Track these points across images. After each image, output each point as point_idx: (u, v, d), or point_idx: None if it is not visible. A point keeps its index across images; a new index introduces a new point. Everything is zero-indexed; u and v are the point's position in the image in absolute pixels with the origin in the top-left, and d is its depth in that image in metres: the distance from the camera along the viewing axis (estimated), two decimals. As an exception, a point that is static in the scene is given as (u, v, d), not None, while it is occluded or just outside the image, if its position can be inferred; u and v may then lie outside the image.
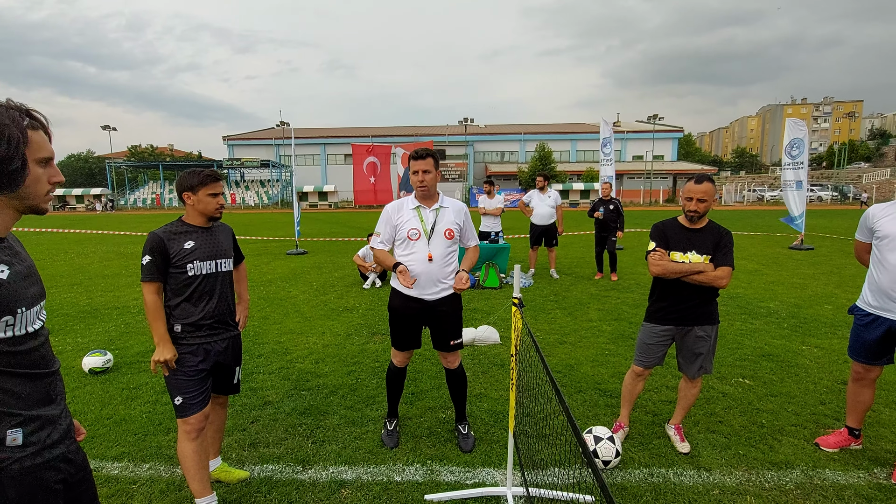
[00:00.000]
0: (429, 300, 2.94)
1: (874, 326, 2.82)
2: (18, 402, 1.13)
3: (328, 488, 2.65)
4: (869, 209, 2.95)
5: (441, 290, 2.96)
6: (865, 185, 51.90)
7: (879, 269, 2.81)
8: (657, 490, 2.62)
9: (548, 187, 8.52)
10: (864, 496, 2.55)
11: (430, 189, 2.94)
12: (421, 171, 2.89)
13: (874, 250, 2.88)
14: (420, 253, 2.91)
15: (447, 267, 2.97)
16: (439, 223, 2.95)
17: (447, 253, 2.95)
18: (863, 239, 2.99)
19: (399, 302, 2.99)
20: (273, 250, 13.36)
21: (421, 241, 2.92)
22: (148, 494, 2.60)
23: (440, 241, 2.93)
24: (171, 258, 2.28)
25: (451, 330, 3.02)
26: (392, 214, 2.99)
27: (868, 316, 2.87)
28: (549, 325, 5.71)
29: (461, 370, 3.13)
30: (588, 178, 49.73)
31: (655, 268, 2.88)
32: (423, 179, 2.89)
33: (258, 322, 5.99)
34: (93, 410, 3.59)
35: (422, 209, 2.97)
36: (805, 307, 6.42)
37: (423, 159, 2.89)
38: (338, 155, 58.17)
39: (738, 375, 4.16)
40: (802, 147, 12.42)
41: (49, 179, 1.19)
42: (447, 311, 2.99)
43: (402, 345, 3.06)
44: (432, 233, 2.93)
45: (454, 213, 3.01)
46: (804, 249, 12.08)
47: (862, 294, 2.96)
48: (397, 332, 3.05)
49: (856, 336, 2.95)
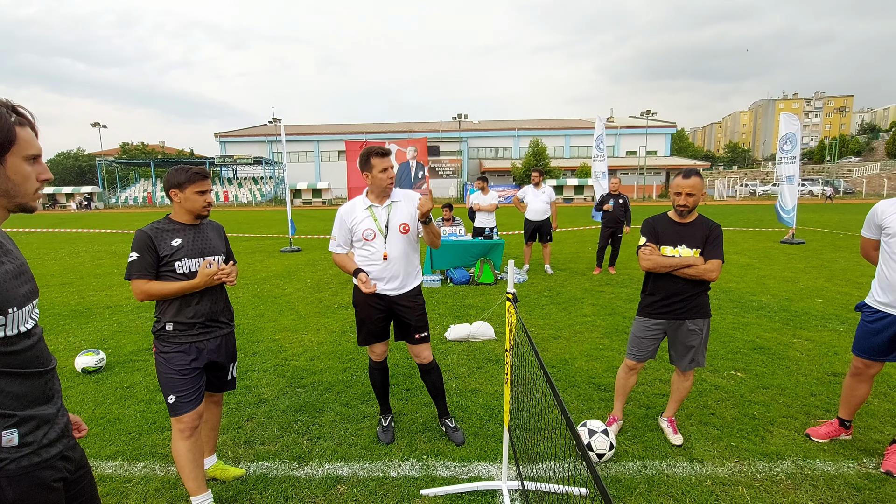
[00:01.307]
0: (391, 295, 2.95)
1: (884, 324, 2.78)
2: (13, 402, 1.12)
3: (324, 485, 2.65)
4: (877, 205, 2.88)
5: (400, 286, 2.96)
6: (856, 179, 52.42)
7: (890, 266, 2.75)
8: (650, 482, 2.65)
9: (542, 183, 8.55)
10: (853, 485, 2.59)
11: (392, 185, 2.94)
12: (389, 167, 2.89)
13: (883, 247, 2.82)
14: (378, 252, 2.91)
15: (408, 263, 2.97)
16: (392, 219, 2.93)
17: (405, 248, 2.95)
18: (870, 236, 2.94)
19: (361, 297, 2.99)
20: (267, 248, 13.30)
21: (377, 240, 2.91)
22: (143, 493, 2.60)
23: (396, 238, 2.92)
24: (159, 256, 2.26)
25: (415, 323, 3.01)
26: (345, 217, 2.97)
27: (877, 313, 2.82)
28: (544, 321, 5.74)
29: (434, 364, 3.13)
30: (582, 173, 49.89)
31: (646, 262, 2.91)
32: (392, 176, 2.90)
33: (252, 320, 5.97)
34: (86, 410, 3.58)
35: (374, 208, 2.95)
36: (796, 300, 6.49)
37: (387, 156, 2.90)
38: (331, 152, 57.90)
39: (730, 368, 4.21)
40: (795, 141, 12.51)
41: (38, 177, 1.17)
42: (409, 305, 2.99)
43: (369, 339, 3.05)
44: (387, 230, 2.91)
45: (406, 206, 2.98)
46: (795, 243, 12.20)
47: (871, 291, 2.90)
48: (361, 326, 3.05)
49: (863, 333, 2.90)
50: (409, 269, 2.99)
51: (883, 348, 2.82)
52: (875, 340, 2.84)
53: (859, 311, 2.99)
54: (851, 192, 47.80)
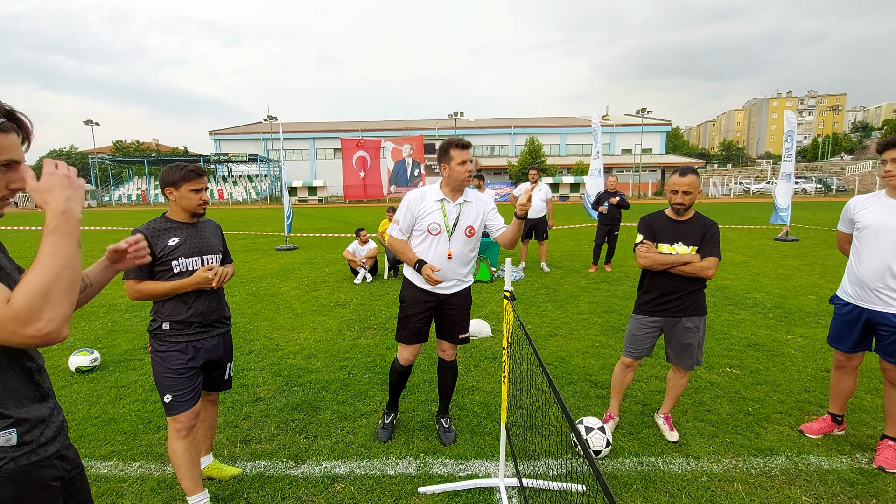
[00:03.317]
0: (444, 294, 2.91)
1: (853, 316, 2.88)
2: (9, 401, 1.11)
3: (321, 483, 2.65)
4: (850, 200, 2.98)
5: (456, 284, 2.93)
6: (848, 177, 52.81)
7: (858, 260, 2.85)
8: (647, 478, 2.66)
9: (539, 181, 8.55)
10: (846, 480, 2.62)
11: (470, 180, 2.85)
12: (468, 160, 2.78)
13: (854, 241, 2.91)
14: (439, 248, 2.82)
15: (466, 264, 2.93)
16: (462, 219, 2.84)
17: (466, 250, 2.89)
18: (844, 230, 3.03)
19: (410, 294, 2.93)
20: (262, 246, 13.24)
21: (441, 237, 2.82)
22: (139, 493, 2.59)
23: (460, 239, 2.83)
24: (156, 255, 2.25)
25: (461, 324, 3.00)
26: (414, 204, 2.84)
27: (847, 306, 2.92)
28: (541, 318, 5.75)
29: (454, 363, 3.13)
30: (578, 171, 49.95)
31: (643, 260, 2.92)
32: (471, 169, 2.80)
33: (249, 318, 5.95)
34: (81, 409, 3.55)
35: (446, 202, 2.83)
36: (790, 298, 6.54)
37: (468, 148, 2.81)
38: (327, 149, 57.75)
39: (726, 365, 4.23)
40: (793, 139, 12.59)
41: (8, 184, 1.12)
42: (458, 304, 2.96)
43: (411, 338, 2.97)
44: (454, 229, 2.82)
45: (477, 209, 2.90)
46: (789, 241, 12.28)
47: (842, 284, 3.01)
48: (407, 324, 2.96)
49: (835, 325, 3.00)
50: (465, 270, 2.95)
51: (857, 339, 2.89)
52: (846, 332, 2.93)
53: (832, 303, 3.07)
54: (844, 189, 48.15)
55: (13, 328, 0.95)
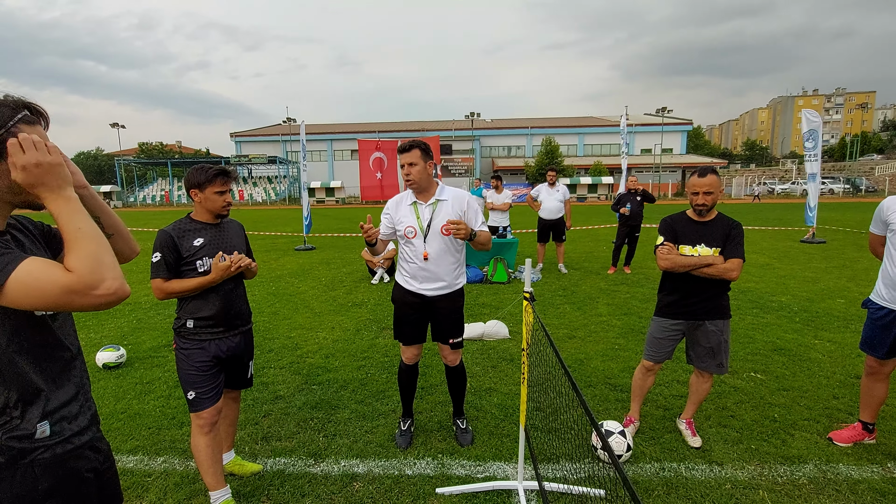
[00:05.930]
0: (428, 296, 2.91)
1: (888, 321, 2.78)
2: (45, 386, 1.15)
3: (340, 481, 2.67)
4: (884, 201, 2.89)
5: (441, 287, 2.89)
6: (878, 177, 51.07)
7: (893, 263, 2.76)
8: (669, 484, 2.61)
9: (557, 181, 8.48)
10: (877, 490, 2.53)
11: (419, 183, 2.78)
12: (406, 164, 2.74)
13: (888, 243, 2.82)
14: (417, 250, 2.84)
15: (450, 265, 2.89)
16: (436, 219, 2.81)
17: (446, 250, 2.85)
18: (877, 232, 2.94)
19: (399, 294, 2.98)
20: (282, 246, 13.43)
21: (417, 239, 2.83)
22: (163, 487, 2.64)
23: (437, 239, 2.81)
24: (182, 256, 2.30)
25: (450, 328, 2.97)
26: (392, 211, 2.92)
27: (881, 310, 2.82)
28: (559, 320, 5.70)
29: (461, 367, 3.11)
30: (595, 172, 49.41)
31: (664, 262, 2.86)
32: (410, 173, 2.75)
33: (268, 317, 6.04)
34: (107, 405, 3.65)
35: (418, 205, 2.85)
36: (817, 301, 6.35)
37: (408, 152, 2.74)
38: (344, 150, 58.24)
39: (750, 370, 4.13)
40: (817, 139, 12.23)
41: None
42: (446, 308, 2.94)
43: (404, 338, 3.01)
44: (428, 230, 2.81)
45: (454, 207, 2.85)
46: (816, 243, 11.93)
47: (875, 288, 2.91)
48: (399, 324, 3.02)
49: (869, 330, 2.91)
50: (449, 271, 2.90)
51: (891, 344, 2.79)
52: (881, 337, 2.82)
53: (865, 307, 2.97)
54: (874, 190, 46.56)
55: (87, 292, 1.01)
